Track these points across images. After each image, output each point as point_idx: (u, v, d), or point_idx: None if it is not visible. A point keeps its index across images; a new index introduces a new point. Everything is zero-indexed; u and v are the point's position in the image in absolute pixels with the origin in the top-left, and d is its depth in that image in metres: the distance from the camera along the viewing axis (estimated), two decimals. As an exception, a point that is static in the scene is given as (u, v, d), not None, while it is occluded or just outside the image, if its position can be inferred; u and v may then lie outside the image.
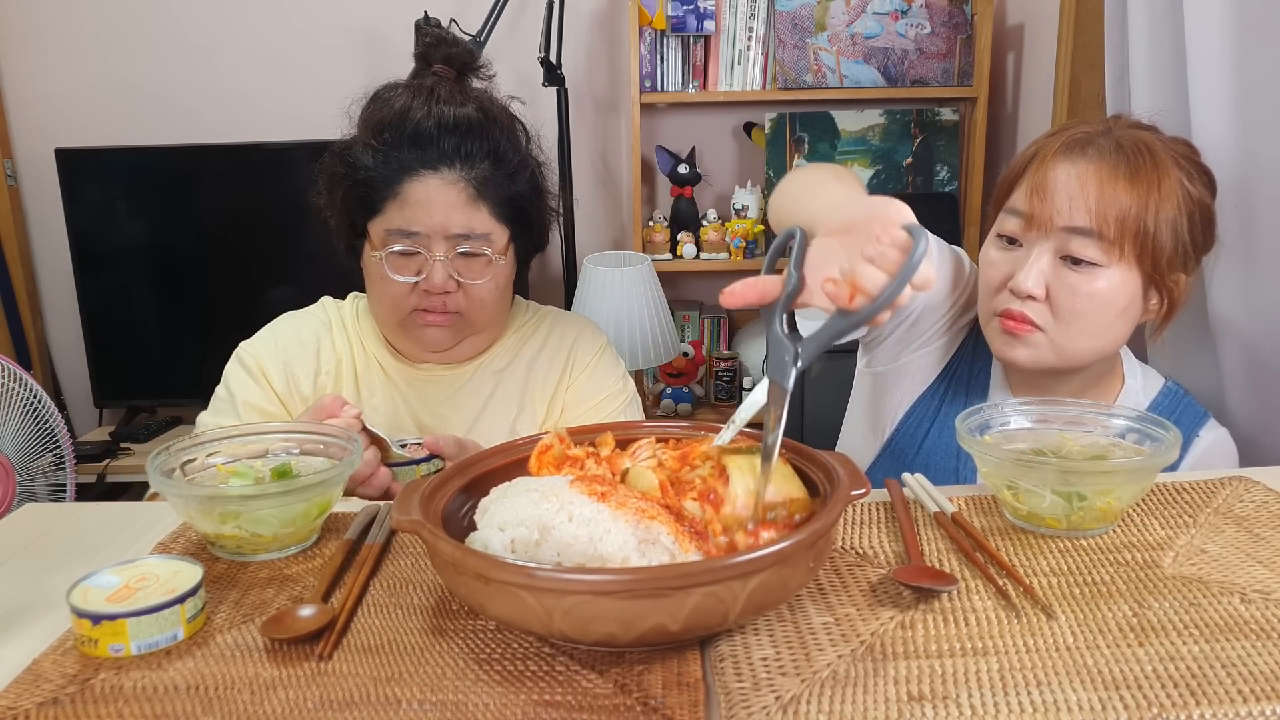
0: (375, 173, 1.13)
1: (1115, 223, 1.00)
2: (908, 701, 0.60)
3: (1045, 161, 1.05)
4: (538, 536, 0.67)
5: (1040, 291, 1.04)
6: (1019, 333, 1.06)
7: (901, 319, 1.15)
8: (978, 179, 2.66)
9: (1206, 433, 1.14)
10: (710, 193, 2.84)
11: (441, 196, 1.12)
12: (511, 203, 1.17)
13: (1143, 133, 1.06)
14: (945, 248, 1.15)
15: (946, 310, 1.16)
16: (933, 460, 1.16)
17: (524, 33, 2.67)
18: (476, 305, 1.17)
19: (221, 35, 2.74)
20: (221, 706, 0.61)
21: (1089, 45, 2.17)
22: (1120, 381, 1.16)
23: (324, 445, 0.91)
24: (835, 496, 0.70)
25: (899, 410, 1.20)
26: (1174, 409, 1.15)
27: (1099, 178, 1.01)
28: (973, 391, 1.17)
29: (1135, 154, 1.02)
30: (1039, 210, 1.03)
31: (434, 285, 1.13)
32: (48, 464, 2.34)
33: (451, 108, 1.13)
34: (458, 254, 1.13)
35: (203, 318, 2.74)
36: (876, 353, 1.22)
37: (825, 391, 2.29)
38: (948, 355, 1.19)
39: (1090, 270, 1.03)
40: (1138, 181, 1.01)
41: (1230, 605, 0.70)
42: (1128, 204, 1.00)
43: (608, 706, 0.60)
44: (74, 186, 2.65)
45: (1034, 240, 1.05)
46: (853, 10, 2.60)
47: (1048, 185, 1.03)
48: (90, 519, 0.93)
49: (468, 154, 1.13)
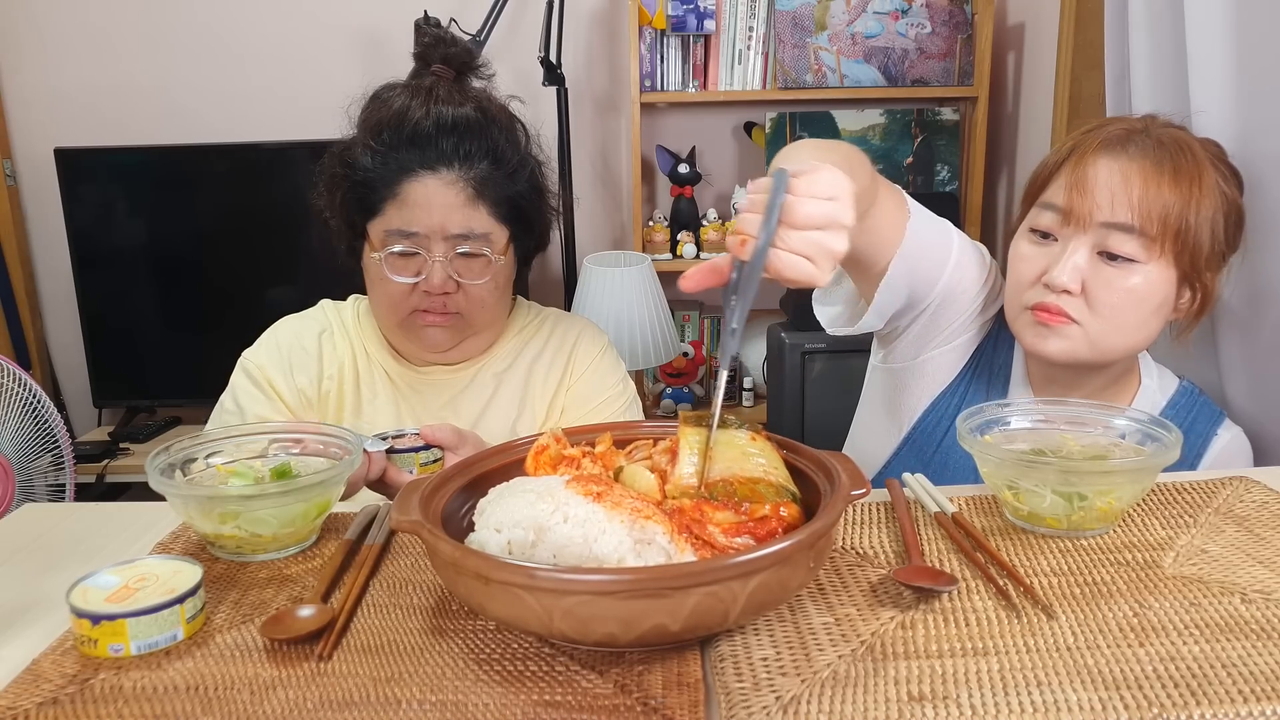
0: (374, 173, 1.13)
1: (1158, 220, 1.00)
2: (908, 701, 0.59)
3: (1085, 157, 1.04)
4: (533, 538, 0.66)
5: (1076, 286, 1.03)
6: (1054, 323, 1.05)
7: (919, 310, 1.14)
8: (978, 179, 2.66)
9: (1224, 431, 1.14)
10: (710, 192, 2.84)
11: (440, 197, 1.12)
12: (511, 202, 1.16)
13: (1179, 132, 1.06)
14: (969, 243, 1.15)
15: (969, 305, 1.15)
16: (952, 458, 1.15)
17: (524, 32, 2.66)
18: (477, 306, 1.16)
19: (221, 35, 2.74)
20: (221, 706, 0.61)
21: (1089, 45, 2.17)
22: (1138, 381, 1.16)
23: (324, 445, 0.91)
24: (835, 496, 0.70)
25: (918, 407, 1.19)
26: (1190, 408, 1.15)
27: (1142, 174, 1.01)
28: (994, 390, 1.16)
29: (1177, 152, 1.02)
30: (1078, 205, 1.03)
31: (433, 286, 1.12)
32: (47, 464, 2.34)
33: (450, 108, 1.13)
34: (457, 254, 1.13)
35: (202, 318, 2.74)
36: (894, 348, 1.21)
37: (825, 391, 2.29)
38: (969, 352, 1.18)
39: (1127, 266, 1.02)
40: (1180, 179, 1.01)
41: (1231, 605, 0.70)
42: (1171, 201, 1.00)
43: (608, 706, 0.60)
44: (73, 186, 2.65)
45: (1070, 235, 1.04)
46: (853, 10, 2.60)
47: (1088, 180, 1.03)
48: (89, 519, 0.93)
49: (466, 154, 1.12)
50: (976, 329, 1.18)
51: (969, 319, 1.16)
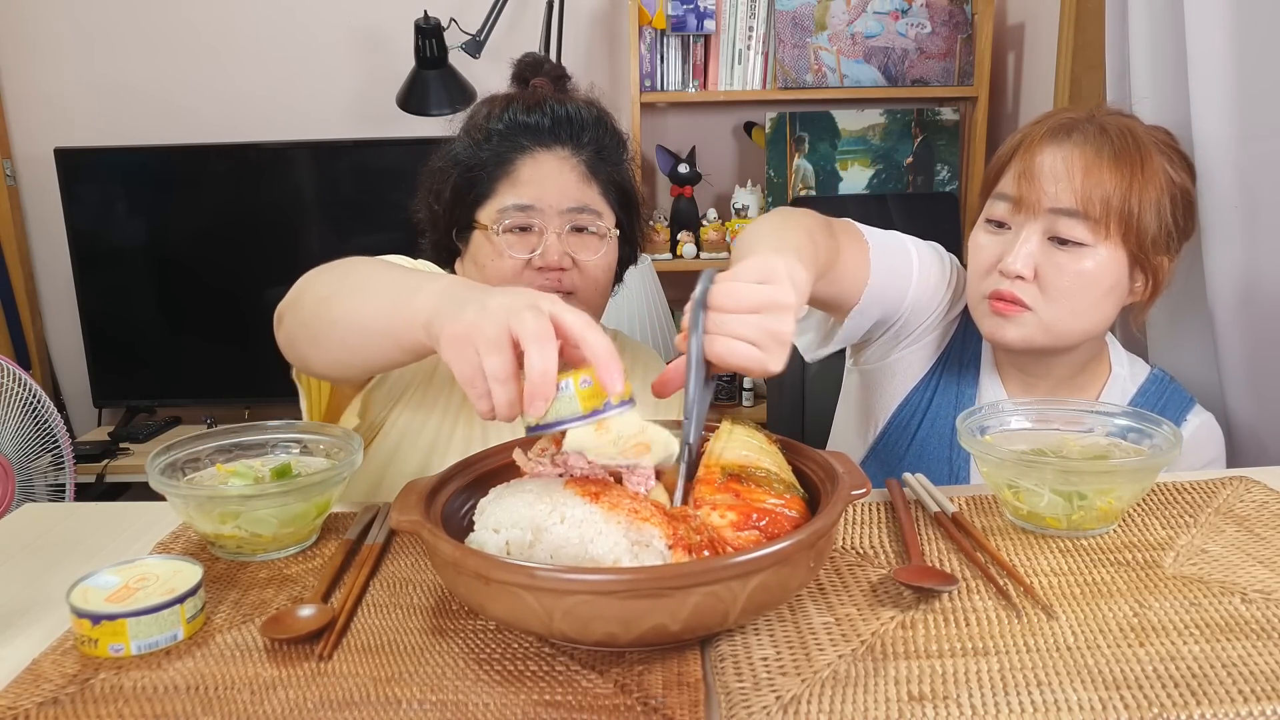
0: (487, 154, 1.13)
1: (1100, 203, 1.03)
2: (908, 701, 0.59)
3: (1032, 147, 1.08)
4: (531, 538, 0.67)
5: (1029, 271, 1.06)
6: (1009, 313, 1.07)
7: (890, 323, 1.16)
8: (978, 178, 2.65)
9: (1194, 417, 1.16)
10: (710, 192, 2.84)
11: (555, 170, 1.12)
12: (619, 188, 1.17)
13: (1125, 119, 1.09)
14: (928, 247, 1.17)
15: (935, 307, 1.17)
16: (926, 451, 1.18)
17: (524, 32, 2.66)
18: (590, 284, 1.14)
19: (221, 35, 2.74)
20: (221, 706, 0.61)
21: (1089, 45, 2.17)
22: (1108, 369, 1.18)
23: (324, 445, 0.91)
24: (835, 496, 0.70)
25: (890, 405, 1.21)
26: (1160, 395, 1.17)
27: (1084, 160, 1.04)
28: (964, 380, 1.19)
29: (1119, 138, 1.05)
30: (1026, 193, 1.06)
31: (549, 260, 1.10)
32: (47, 464, 2.34)
33: (560, 105, 1.15)
34: (570, 231, 1.12)
35: (202, 318, 2.74)
36: (865, 353, 1.23)
37: (826, 391, 2.28)
38: (939, 349, 1.20)
39: (1078, 250, 1.05)
40: (1121, 164, 1.03)
41: (1231, 605, 0.70)
42: (1112, 185, 1.03)
43: (608, 706, 0.60)
44: (73, 186, 2.65)
45: (1022, 223, 1.07)
46: (853, 10, 2.60)
47: (1034, 169, 1.06)
48: (89, 519, 0.93)
49: (577, 139, 1.14)
50: (945, 326, 1.20)
51: (937, 319, 1.19)
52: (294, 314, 0.92)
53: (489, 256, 1.12)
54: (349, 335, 0.85)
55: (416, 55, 2.48)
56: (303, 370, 1.00)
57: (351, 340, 0.85)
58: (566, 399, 0.66)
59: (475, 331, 0.67)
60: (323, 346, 0.89)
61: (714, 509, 0.70)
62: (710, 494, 0.71)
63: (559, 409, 0.66)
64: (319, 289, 0.90)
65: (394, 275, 0.84)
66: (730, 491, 0.71)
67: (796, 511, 0.71)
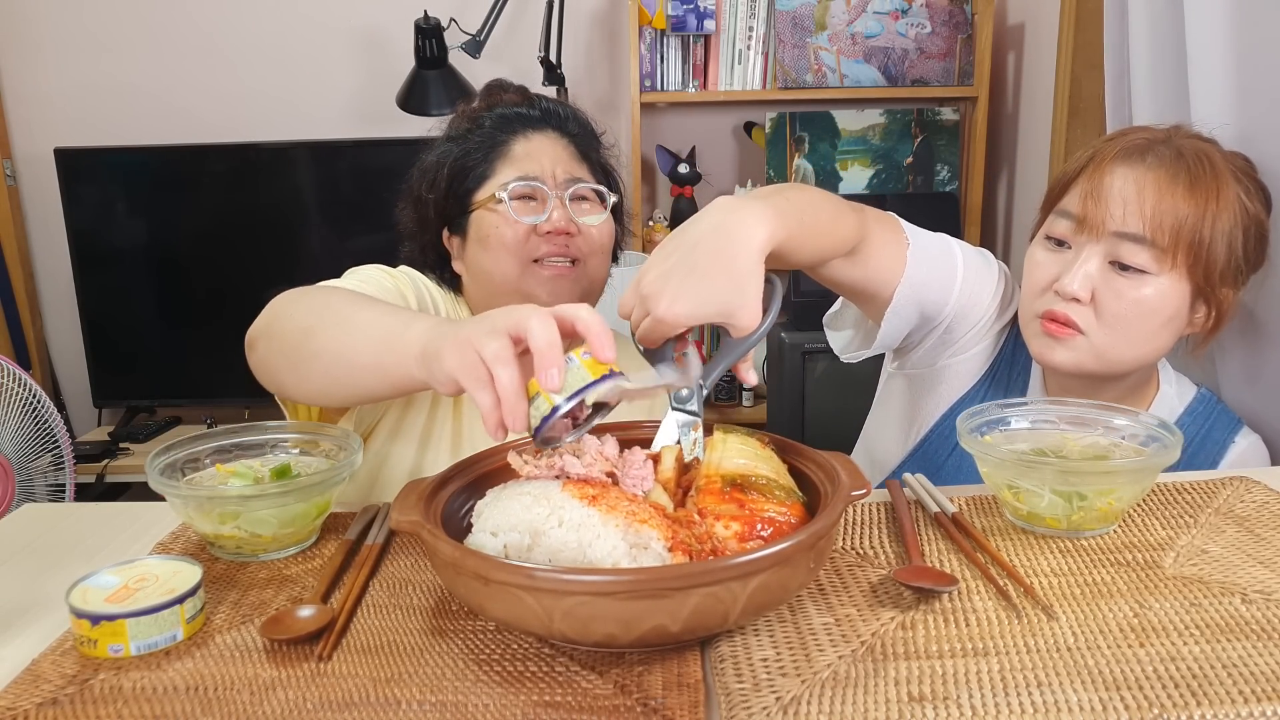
0: (481, 139, 1.16)
1: (1170, 231, 0.99)
2: (908, 702, 0.59)
3: (1102, 165, 1.03)
4: (529, 541, 0.67)
5: (1085, 294, 1.02)
6: (1060, 335, 1.04)
7: (932, 327, 1.13)
8: (978, 179, 2.66)
9: (1241, 439, 1.13)
10: (710, 192, 2.83)
11: (550, 147, 1.16)
12: (607, 173, 1.22)
13: (1203, 143, 1.04)
14: (976, 252, 1.14)
15: (982, 315, 1.14)
16: (966, 463, 1.15)
17: (524, 32, 2.66)
18: (596, 250, 1.15)
19: (221, 35, 2.74)
20: (221, 707, 0.61)
21: (1089, 45, 2.17)
22: (1155, 388, 1.15)
23: (324, 445, 0.91)
24: (835, 497, 0.70)
25: (935, 412, 1.19)
26: (1208, 415, 1.14)
27: (1157, 184, 1.00)
28: (1012, 396, 1.15)
29: (1195, 163, 1.01)
30: (1091, 213, 1.02)
31: (556, 223, 1.11)
32: (47, 464, 2.34)
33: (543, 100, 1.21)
34: (572, 199, 1.14)
35: (202, 318, 2.74)
36: (909, 358, 1.20)
37: (825, 391, 2.29)
38: (988, 360, 1.17)
39: (1138, 277, 1.01)
40: (1196, 191, 0.99)
41: (1231, 606, 0.70)
42: (1184, 213, 0.99)
43: (608, 707, 0.60)
44: (73, 186, 2.65)
45: (1083, 243, 1.04)
46: (853, 10, 2.60)
47: (1102, 189, 1.02)
48: (89, 519, 0.93)
49: (563, 126, 1.19)
50: (994, 336, 1.17)
51: (984, 328, 1.16)
52: (270, 342, 0.91)
53: (493, 226, 1.12)
54: (334, 368, 0.84)
55: (416, 55, 2.48)
56: (279, 395, 0.99)
57: (336, 372, 0.84)
58: (575, 369, 0.68)
59: (474, 333, 0.68)
60: (304, 376, 0.88)
61: (718, 519, 0.70)
62: (715, 505, 0.71)
63: (571, 381, 0.67)
64: (299, 319, 0.89)
65: (380, 310, 0.84)
66: (734, 501, 0.71)
67: (799, 520, 0.72)
